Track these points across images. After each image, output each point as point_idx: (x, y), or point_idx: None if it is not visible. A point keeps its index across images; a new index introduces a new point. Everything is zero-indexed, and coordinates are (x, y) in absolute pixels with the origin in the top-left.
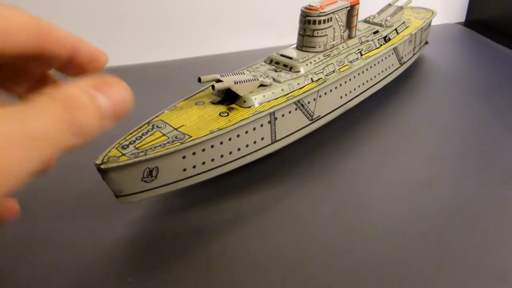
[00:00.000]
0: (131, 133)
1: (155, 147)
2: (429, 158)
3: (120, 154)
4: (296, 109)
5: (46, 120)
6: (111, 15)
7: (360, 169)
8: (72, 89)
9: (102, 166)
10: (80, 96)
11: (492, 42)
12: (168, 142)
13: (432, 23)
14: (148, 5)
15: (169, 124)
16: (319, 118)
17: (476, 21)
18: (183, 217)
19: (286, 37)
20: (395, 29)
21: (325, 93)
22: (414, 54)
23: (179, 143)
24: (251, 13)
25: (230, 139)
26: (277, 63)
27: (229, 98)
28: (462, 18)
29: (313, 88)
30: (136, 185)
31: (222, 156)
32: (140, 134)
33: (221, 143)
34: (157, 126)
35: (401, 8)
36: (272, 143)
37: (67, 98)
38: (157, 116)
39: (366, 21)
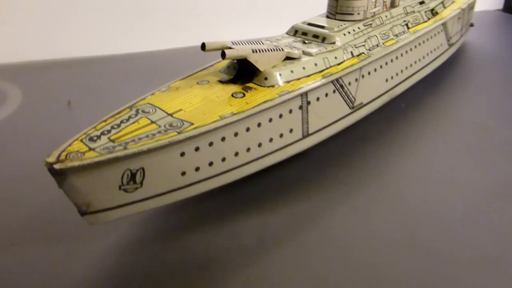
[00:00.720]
0: (104, 121)
1: (140, 138)
2: (508, 156)
3: (86, 148)
4: (334, 91)
5: None
6: (97, 3)
7: (423, 170)
8: None
9: (57, 166)
10: None
11: None
12: (159, 132)
13: None
14: None
15: (160, 109)
16: (361, 106)
17: None
18: (181, 244)
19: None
20: (442, 3)
21: (369, 73)
22: (461, 36)
23: (175, 133)
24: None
25: (248, 130)
26: (305, 33)
27: (243, 75)
28: (500, 5)
29: (354, 64)
30: (112, 196)
31: (236, 154)
32: (118, 122)
33: (236, 134)
34: (143, 111)
35: None
36: (303, 137)
37: None
38: (143, 99)
39: None
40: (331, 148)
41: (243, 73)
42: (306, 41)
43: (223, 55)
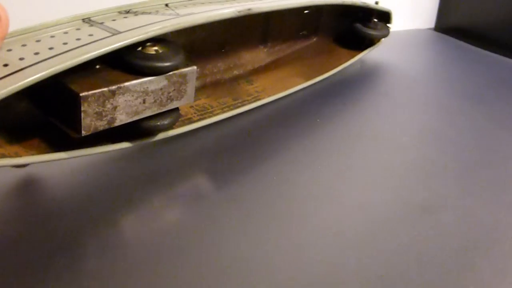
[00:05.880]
0: None
1: None
2: (422, 174)
3: None
4: None
5: None
6: None
7: (331, 190)
8: None
9: None
10: None
11: (469, 45)
12: None
13: (401, 28)
14: None
15: None
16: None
17: (446, 27)
18: None
19: None
20: None
21: None
22: None
23: None
24: None
25: None
26: None
27: None
28: (431, 24)
29: None
30: None
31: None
32: None
33: None
34: None
35: None
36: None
37: None
38: None
39: None
40: (232, 163)
41: None
42: None
43: None
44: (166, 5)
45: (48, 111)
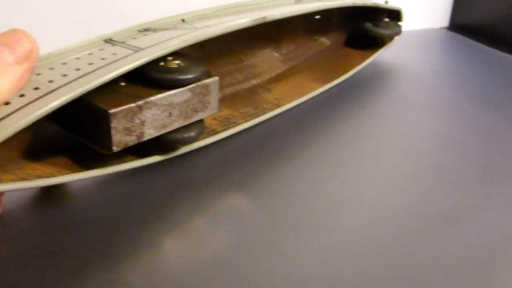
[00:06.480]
0: None
1: None
2: (441, 182)
3: None
4: None
5: None
6: None
7: (350, 198)
8: None
9: None
10: None
11: (484, 46)
12: None
13: (414, 28)
14: None
15: None
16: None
17: (460, 26)
18: None
19: None
20: None
21: None
22: None
23: None
24: None
25: None
26: None
27: None
28: (445, 23)
29: None
30: None
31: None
32: None
33: None
34: None
35: None
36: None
37: None
38: None
39: None
40: (255, 173)
41: None
42: None
43: None
44: (183, 20)
45: (77, 130)
